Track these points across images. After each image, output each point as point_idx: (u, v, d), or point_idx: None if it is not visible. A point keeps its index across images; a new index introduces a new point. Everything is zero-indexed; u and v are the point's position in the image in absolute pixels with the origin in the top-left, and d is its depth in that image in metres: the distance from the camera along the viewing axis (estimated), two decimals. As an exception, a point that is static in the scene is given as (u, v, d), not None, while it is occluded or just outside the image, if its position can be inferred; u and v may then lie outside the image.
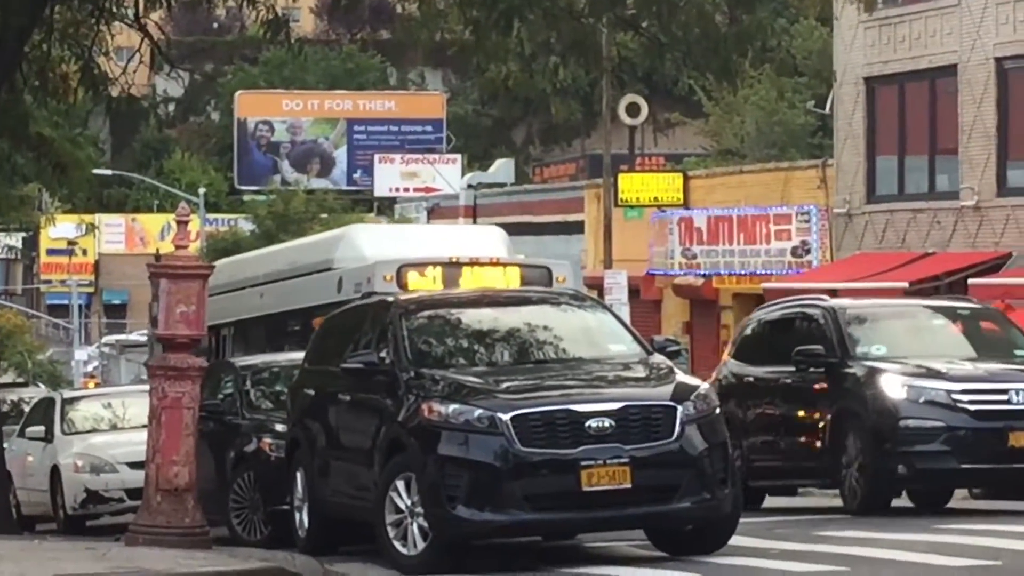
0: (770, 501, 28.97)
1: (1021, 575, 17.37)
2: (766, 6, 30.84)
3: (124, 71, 34.18)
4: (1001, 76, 50.48)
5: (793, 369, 27.91)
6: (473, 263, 34.64)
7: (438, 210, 69.61)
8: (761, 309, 32.89)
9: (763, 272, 61.39)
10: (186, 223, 26.88)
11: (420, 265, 34.26)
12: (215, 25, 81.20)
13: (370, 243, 37.73)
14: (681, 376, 20.64)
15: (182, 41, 70.64)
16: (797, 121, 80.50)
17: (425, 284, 33.54)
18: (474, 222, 68.50)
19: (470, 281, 33.67)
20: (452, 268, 34.23)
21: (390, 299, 23.70)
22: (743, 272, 62.72)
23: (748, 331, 31.85)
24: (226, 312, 41.56)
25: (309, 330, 32.84)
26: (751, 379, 29.86)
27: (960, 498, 35.62)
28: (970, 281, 49.22)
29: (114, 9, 31.34)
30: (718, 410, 20.61)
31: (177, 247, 25.34)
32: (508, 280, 34.51)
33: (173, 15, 45.84)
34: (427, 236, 42.91)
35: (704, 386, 20.70)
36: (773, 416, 29.11)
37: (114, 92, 34.54)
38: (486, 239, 39.33)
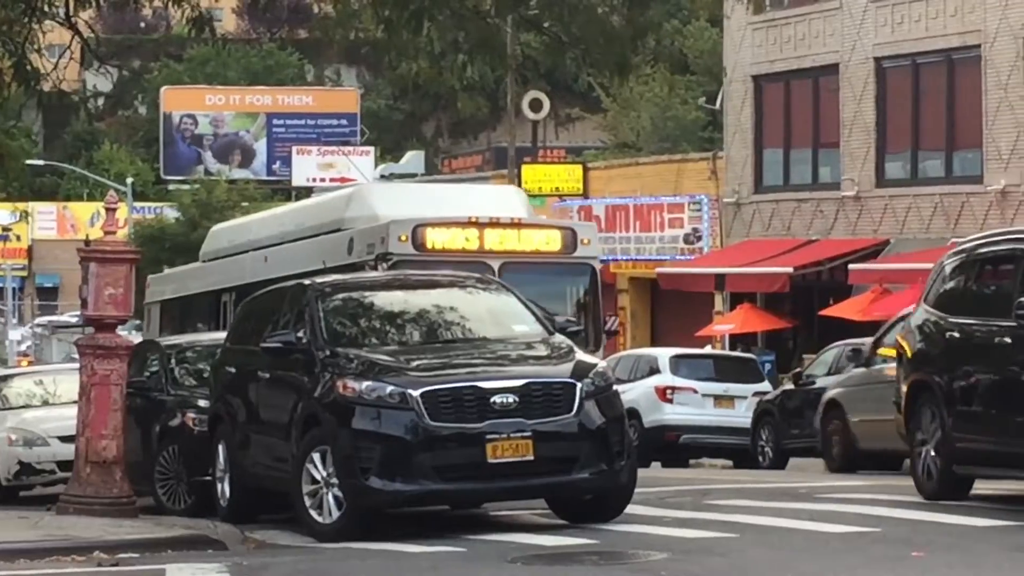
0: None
1: (899, 541, 17.40)
2: (660, 7, 30.96)
3: (55, 67, 33.91)
4: (880, 74, 50.71)
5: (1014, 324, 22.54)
6: (494, 223, 31.10)
7: (354, 199, 69.33)
8: (965, 244, 26.75)
9: (657, 258, 61.53)
10: (114, 211, 26.65)
11: (438, 225, 30.79)
12: (142, 24, 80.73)
13: (383, 202, 33.30)
14: (580, 355, 20.68)
15: (111, 39, 70.30)
16: (689, 116, 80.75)
17: (442, 244, 30.54)
18: None
19: (490, 242, 30.70)
20: (471, 228, 30.89)
21: (307, 282, 23.67)
22: (639, 258, 62.81)
23: (949, 271, 23.85)
24: (227, 277, 39.13)
25: None
26: (955, 334, 22.66)
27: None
28: (850, 267, 49.40)
29: (46, 8, 31.07)
30: (615, 386, 20.68)
31: (106, 233, 25.16)
32: (530, 241, 31.40)
33: (102, 14, 45.56)
34: (443, 195, 38.28)
35: (602, 364, 20.78)
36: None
37: (46, 87, 34.30)
38: (506, 199, 35.19)
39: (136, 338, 35.95)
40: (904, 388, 22.70)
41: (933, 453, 21.57)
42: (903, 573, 15.32)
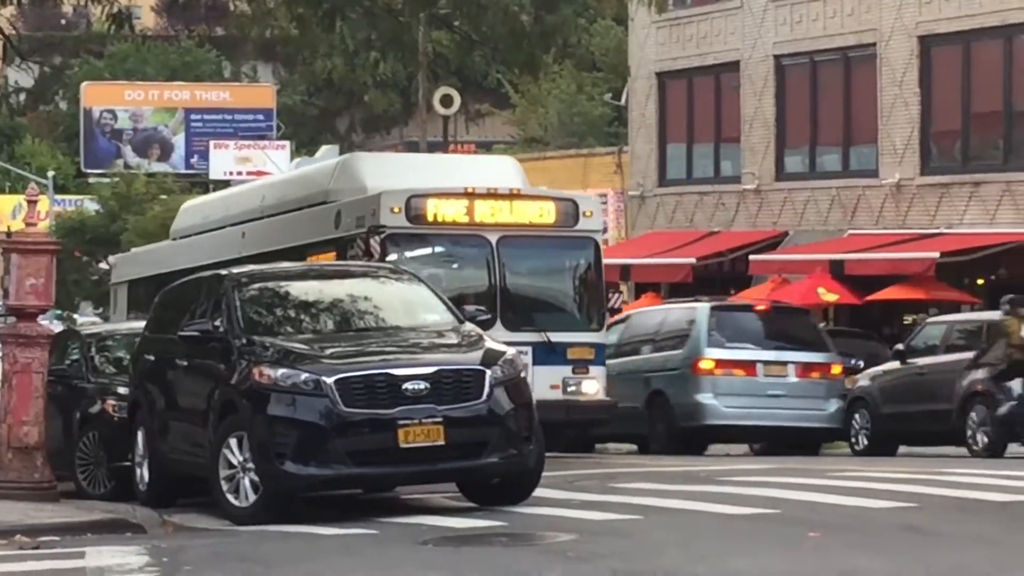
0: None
1: (794, 520, 17.51)
2: (568, 6, 30.85)
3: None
4: (779, 72, 50.91)
5: None
6: (491, 195, 28.93)
7: (270, 191, 69.32)
8: None
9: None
10: (35, 203, 26.52)
11: (432, 196, 28.49)
12: (63, 21, 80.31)
13: (372, 173, 30.73)
14: (489, 343, 20.71)
15: (32, 36, 69.92)
16: (595, 112, 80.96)
17: (437, 217, 28.47)
18: None
19: (487, 215, 28.69)
20: (467, 199, 28.72)
21: (224, 272, 23.60)
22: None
23: None
24: (201, 255, 35.52)
25: None
26: None
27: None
28: (751, 257, 49.55)
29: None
30: (523, 373, 20.72)
31: (28, 225, 25.03)
32: (530, 214, 29.17)
33: (23, 11, 45.25)
34: (436, 165, 35.32)
35: (511, 352, 20.76)
36: None
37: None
38: (502, 169, 32.52)
39: (57, 327, 35.54)
40: None
41: None
42: (800, 552, 15.39)
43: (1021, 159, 44.84)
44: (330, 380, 19.30)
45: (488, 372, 19.79)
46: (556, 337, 27.89)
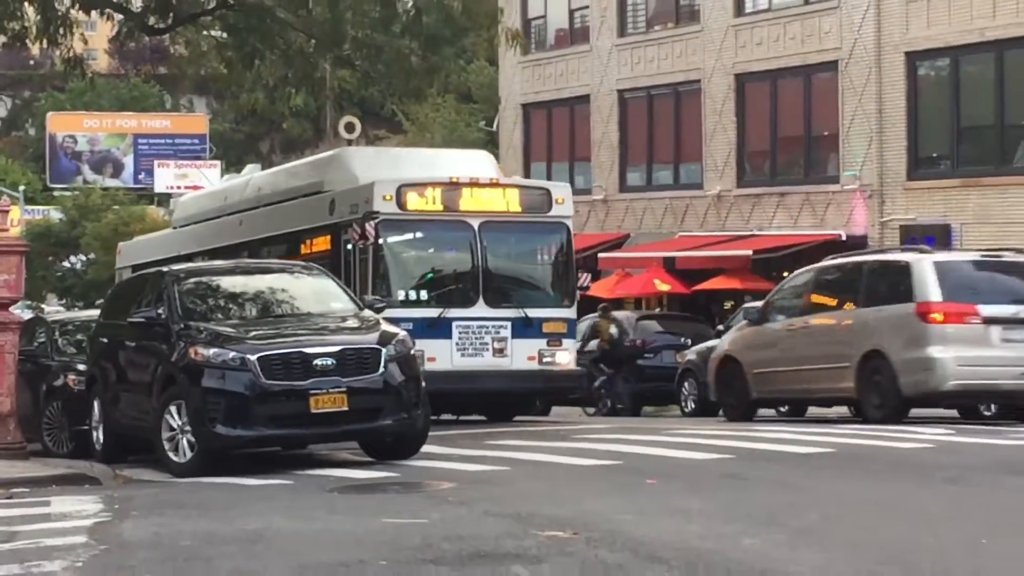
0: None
1: (635, 470, 17.60)
2: (448, 49, 30.90)
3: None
4: (622, 103, 51.02)
5: None
6: (473, 184, 27.33)
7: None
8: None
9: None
10: (7, 212, 26.42)
11: (420, 185, 26.84)
12: (31, 62, 79.73)
13: (362, 165, 28.83)
14: (385, 326, 20.74)
15: (5, 74, 69.56)
16: (472, 136, 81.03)
17: (424, 204, 26.78)
18: None
19: (470, 202, 27.09)
20: (452, 188, 27.06)
21: (165, 269, 23.50)
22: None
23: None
24: (200, 241, 34.98)
25: (298, 253, 29.47)
26: None
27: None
28: (599, 255, 49.61)
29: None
30: (413, 351, 20.71)
31: (0, 231, 24.85)
32: (508, 201, 27.72)
33: (-2, 53, 44.85)
34: (418, 158, 32.82)
35: (402, 333, 20.77)
36: None
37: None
38: (479, 162, 30.55)
39: (27, 315, 35.15)
40: None
41: None
42: (638, 495, 15.45)
43: (818, 174, 45.16)
44: (253, 357, 19.30)
45: (383, 350, 19.85)
46: (532, 313, 26.86)
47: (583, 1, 52.99)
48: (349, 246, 26.70)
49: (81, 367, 24.13)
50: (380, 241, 25.94)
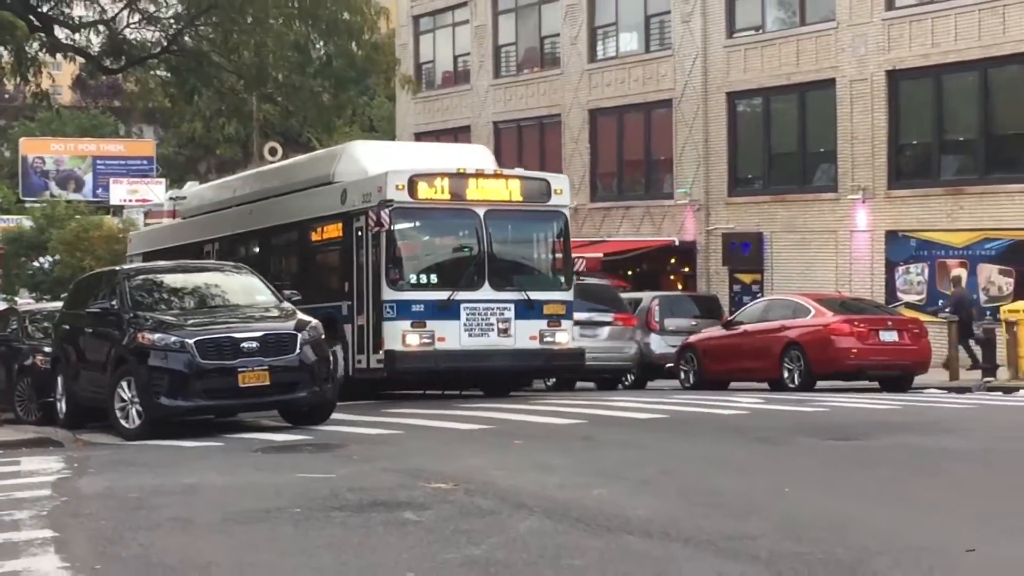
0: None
1: (506, 433, 17.64)
2: (354, 88, 30.83)
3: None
4: (497, 133, 50.99)
5: None
6: (479, 174, 24.88)
7: (151, 213, 68.65)
8: None
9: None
10: None
11: (430, 175, 24.34)
12: (6, 95, 78.63)
13: (369, 158, 26.19)
14: (301, 315, 20.65)
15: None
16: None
17: (434, 193, 24.27)
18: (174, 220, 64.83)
19: (476, 191, 24.60)
20: (459, 178, 24.58)
21: (117, 268, 23.34)
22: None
23: None
24: (210, 230, 31.70)
25: (308, 239, 27.15)
26: None
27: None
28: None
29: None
30: (322, 335, 20.63)
31: (-21, 236, 24.71)
32: (511, 191, 25.18)
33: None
34: (421, 152, 29.54)
35: (315, 322, 20.70)
36: None
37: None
38: (478, 155, 27.99)
39: (2, 306, 34.60)
40: None
41: None
42: (507, 453, 15.50)
43: (656, 191, 45.43)
44: (191, 341, 19.19)
45: (299, 335, 19.80)
46: (534, 295, 24.55)
47: (465, 48, 53.00)
48: (360, 233, 24.55)
49: (47, 349, 23.86)
50: (392, 228, 23.81)
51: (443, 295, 23.56)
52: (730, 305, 38.45)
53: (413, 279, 23.73)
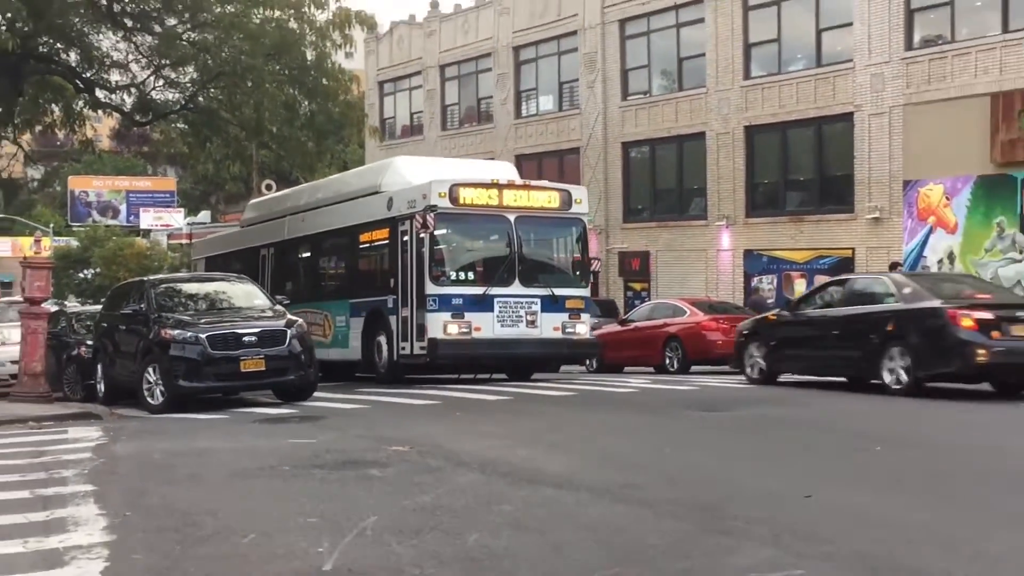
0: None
1: (451, 407, 17.60)
2: (332, 139, 30.79)
3: (8, 165, 32.84)
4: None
5: None
6: (511, 185, 22.72)
7: (173, 235, 68.05)
8: None
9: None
10: (40, 241, 26.17)
11: (469, 185, 22.17)
12: (58, 142, 77.81)
13: (411, 171, 24.11)
14: (290, 316, 20.58)
15: (40, 150, 68.05)
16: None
17: (472, 200, 22.06)
18: (190, 242, 64.13)
19: (507, 200, 22.36)
20: (494, 188, 22.29)
21: (145, 279, 23.16)
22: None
23: None
24: (266, 237, 29.21)
25: (357, 242, 24.78)
26: None
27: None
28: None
29: (3, 134, 29.82)
30: (306, 331, 20.56)
31: (36, 253, 24.48)
32: (538, 200, 22.88)
33: (36, 137, 43.74)
34: (455, 167, 25.88)
35: (300, 320, 20.64)
36: None
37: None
38: (505, 169, 25.69)
39: (53, 309, 34.10)
40: None
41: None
42: (451, 423, 15.45)
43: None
44: (203, 335, 19.07)
45: (288, 331, 19.69)
46: (558, 292, 22.36)
47: (419, 107, 52.88)
48: (405, 236, 22.30)
49: (89, 342, 23.60)
50: (435, 231, 21.74)
51: (479, 290, 21.70)
52: (624, 307, 38.53)
53: (453, 276, 21.80)
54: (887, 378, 18.16)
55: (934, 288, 18.85)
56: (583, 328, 22.73)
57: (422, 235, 21.45)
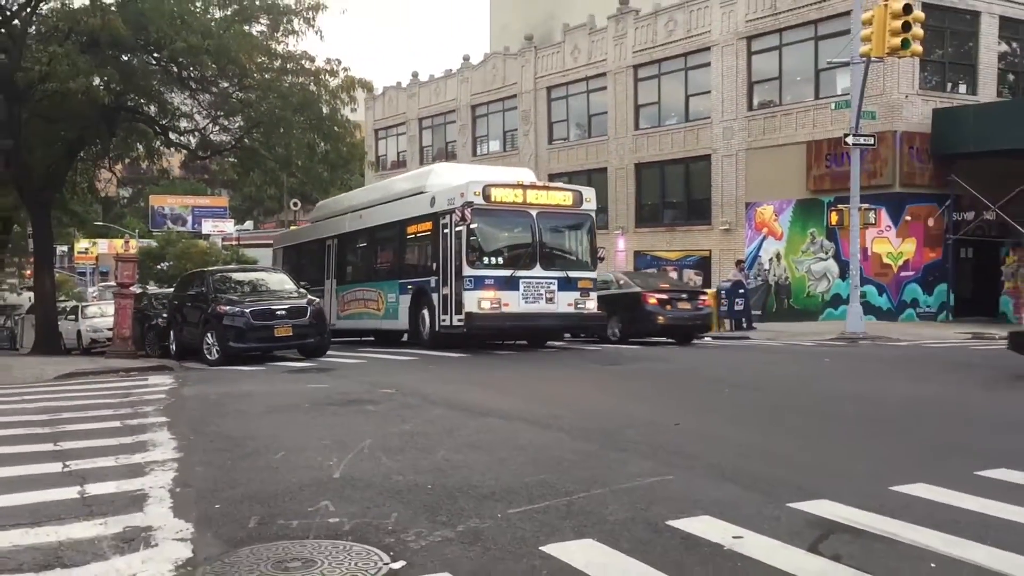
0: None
1: (424, 361, 17.41)
2: (342, 170, 30.40)
3: (104, 188, 32.18)
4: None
5: None
6: (533, 186, 20.10)
7: (226, 238, 67.00)
8: None
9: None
10: (129, 242, 25.60)
11: (499, 185, 19.62)
12: (142, 170, 76.72)
13: (450, 175, 21.74)
14: (309, 296, 20.26)
15: (129, 176, 66.82)
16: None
17: (501, 198, 19.45)
18: (238, 243, 62.80)
19: (530, 198, 19.75)
20: (519, 188, 19.71)
21: (205, 270, 22.72)
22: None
23: None
24: (330, 230, 26.47)
25: (405, 233, 22.07)
26: None
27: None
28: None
29: (101, 164, 29.21)
30: (322, 307, 20.32)
31: (125, 250, 23.97)
32: (555, 198, 20.17)
33: (125, 166, 42.98)
34: (484, 171, 22.82)
35: (318, 300, 20.36)
36: None
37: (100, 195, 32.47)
38: (527, 173, 22.31)
39: (138, 291, 33.48)
40: None
41: None
42: (424, 373, 15.33)
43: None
44: (248, 310, 18.82)
45: (309, 307, 19.39)
46: (571, 274, 19.88)
47: (404, 147, 52.45)
48: (445, 228, 19.90)
49: (165, 315, 23.15)
50: (471, 223, 19.30)
51: (507, 272, 19.37)
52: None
53: (485, 260, 19.46)
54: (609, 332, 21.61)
55: (638, 281, 22.84)
56: (591, 304, 20.30)
57: (460, 227, 19.37)
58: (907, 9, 20.83)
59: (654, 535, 5.58)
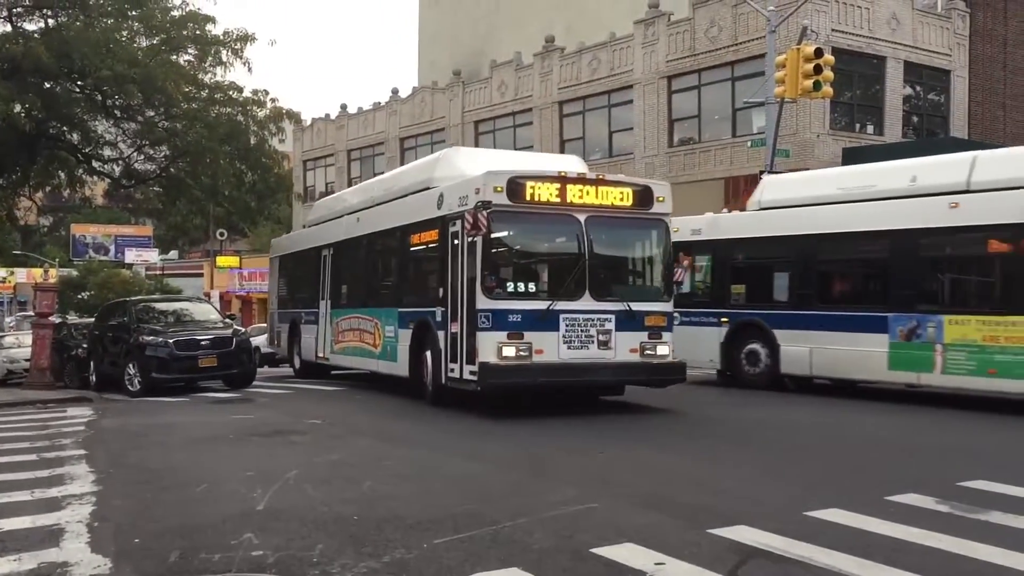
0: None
1: (347, 394, 17.20)
2: (270, 200, 30.10)
3: (23, 216, 31.25)
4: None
5: None
6: (580, 179, 13.07)
7: (149, 268, 65.43)
8: None
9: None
10: (48, 271, 24.84)
11: (531, 178, 12.72)
12: (63, 199, 74.61)
13: (467, 163, 14.68)
14: (236, 326, 19.97)
15: (48, 204, 64.83)
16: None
17: (533, 196, 12.65)
18: (162, 273, 61.22)
19: (576, 196, 12.88)
20: (560, 182, 12.77)
21: (127, 299, 22.14)
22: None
23: None
24: (325, 237, 20.02)
25: (407, 244, 15.38)
26: None
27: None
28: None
29: (21, 193, 28.42)
30: (248, 338, 19.97)
31: (45, 280, 23.28)
32: (612, 197, 13.20)
33: (46, 195, 41.74)
34: (516, 158, 16.28)
35: (244, 330, 20.04)
36: None
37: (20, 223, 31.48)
38: (573, 162, 15.62)
39: (57, 321, 32.44)
40: None
41: None
42: (345, 404, 15.17)
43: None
44: (171, 340, 18.31)
45: (235, 338, 19.01)
46: (635, 306, 13.05)
47: (332, 179, 51.98)
48: (455, 239, 13.31)
49: (85, 345, 22.48)
50: (490, 232, 12.55)
51: (542, 305, 12.58)
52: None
53: (510, 287, 12.74)
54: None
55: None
56: (665, 349, 13.38)
57: (474, 237, 12.66)
58: (818, 53, 21.58)
59: (578, 563, 5.58)
